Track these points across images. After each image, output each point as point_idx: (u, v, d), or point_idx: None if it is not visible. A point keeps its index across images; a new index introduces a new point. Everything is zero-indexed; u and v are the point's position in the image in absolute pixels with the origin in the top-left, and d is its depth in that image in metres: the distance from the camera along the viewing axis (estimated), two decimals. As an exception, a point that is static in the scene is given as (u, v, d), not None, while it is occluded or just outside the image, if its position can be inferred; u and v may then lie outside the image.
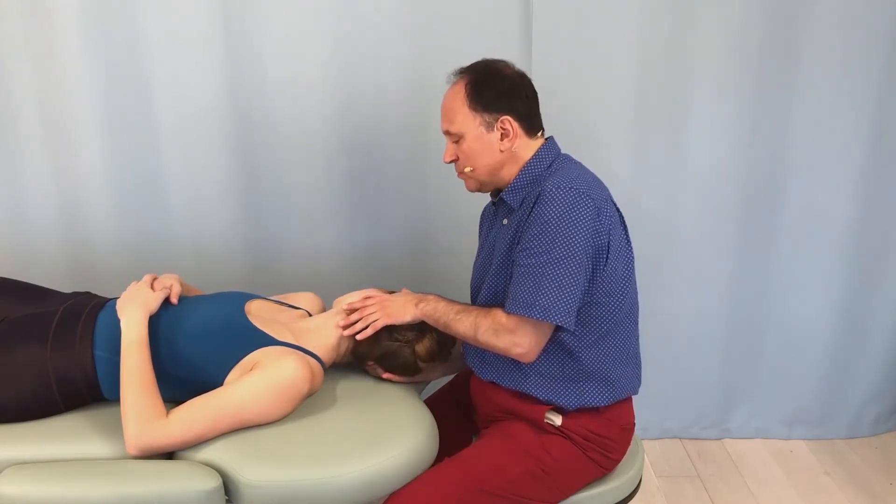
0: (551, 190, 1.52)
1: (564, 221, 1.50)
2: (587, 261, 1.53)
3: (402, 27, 2.19)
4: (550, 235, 1.50)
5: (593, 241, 1.53)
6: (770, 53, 2.27)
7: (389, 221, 2.38)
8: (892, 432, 2.76)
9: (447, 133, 1.66)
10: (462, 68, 1.66)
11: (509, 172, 1.65)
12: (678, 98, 2.31)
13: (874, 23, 2.26)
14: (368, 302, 1.75)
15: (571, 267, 1.51)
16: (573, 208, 1.51)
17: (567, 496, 1.66)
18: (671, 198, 2.41)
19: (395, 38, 2.19)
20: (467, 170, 1.66)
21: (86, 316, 1.65)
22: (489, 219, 1.80)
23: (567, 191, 1.51)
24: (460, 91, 1.62)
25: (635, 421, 1.77)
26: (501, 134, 1.61)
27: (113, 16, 2.11)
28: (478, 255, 1.80)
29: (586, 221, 1.51)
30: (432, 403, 1.83)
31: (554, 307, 1.50)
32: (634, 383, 1.73)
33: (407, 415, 1.65)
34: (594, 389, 1.64)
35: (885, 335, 2.61)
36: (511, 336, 1.54)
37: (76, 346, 1.60)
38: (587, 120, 2.28)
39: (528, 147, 1.64)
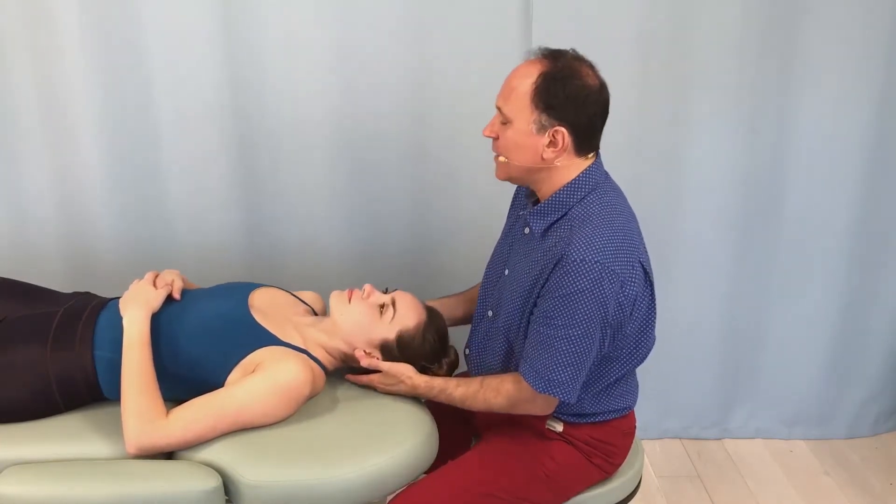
0: (576, 261, 1.44)
1: (586, 297, 1.45)
2: (602, 336, 1.50)
3: (402, 27, 2.18)
4: (570, 310, 1.46)
5: (614, 316, 1.49)
6: (770, 54, 2.27)
7: (389, 221, 2.38)
8: (892, 432, 2.76)
9: (499, 109, 1.52)
10: (546, 51, 1.51)
11: (542, 182, 1.55)
12: (678, 99, 2.30)
13: (874, 23, 2.25)
14: (363, 380, 1.71)
15: (586, 345, 1.48)
16: (596, 286, 1.44)
17: (568, 498, 1.67)
18: (671, 198, 2.40)
19: (395, 37, 2.19)
20: (501, 159, 1.55)
21: (86, 316, 1.65)
22: (518, 206, 1.74)
23: (592, 265, 1.44)
24: (531, 77, 1.47)
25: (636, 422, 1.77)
26: (550, 142, 1.49)
27: (114, 15, 2.11)
28: (500, 240, 1.76)
29: (608, 298, 1.46)
30: (432, 404, 1.83)
31: (563, 384, 1.49)
32: (634, 401, 1.73)
33: (407, 416, 1.65)
34: (596, 418, 1.66)
35: (884, 335, 2.61)
36: (527, 404, 1.56)
37: (76, 346, 1.60)
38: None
39: (571, 166, 1.52)
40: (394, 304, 1.70)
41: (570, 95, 1.47)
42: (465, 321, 1.88)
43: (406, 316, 1.69)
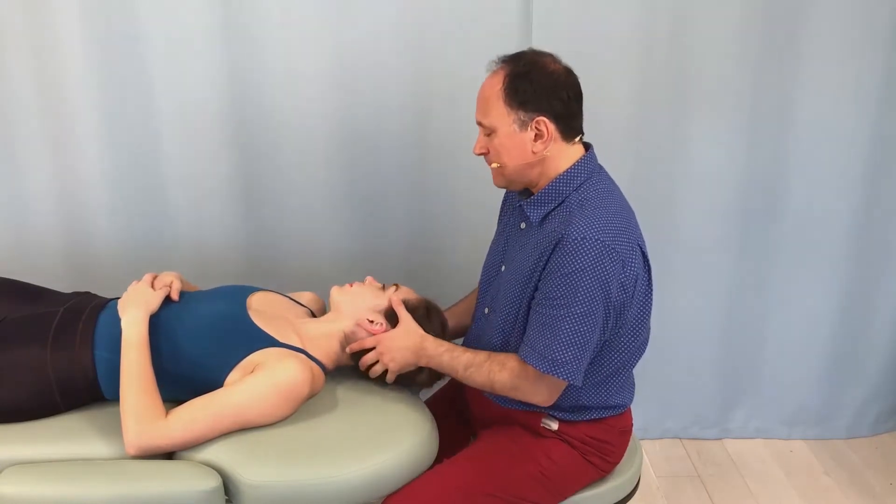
0: (576, 240, 1.46)
1: (587, 276, 1.45)
2: (605, 316, 1.50)
3: (402, 26, 2.18)
4: (571, 289, 1.46)
5: (617, 297, 1.49)
6: (770, 53, 2.27)
7: (389, 220, 2.38)
8: (892, 432, 2.76)
9: (480, 124, 1.57)
10: (505, 56, 1.56)
11: (538, 176, 1.57)
12: (678, 98, 2.30)
13: (874, 22, 2.26)
14: (367, 343, 1.70)
15: (588, 324, 1.48)
16: (597, 263, 1.45)
17: (565, 497, 1.67)
18: (671, 197, 2.41)
19: (395, 37, 2.19)
20: (494, 165, 1.58)
21: (86, 316, 1.65)
22: (510, 208, 1.75)
23: (593, 243, 1.45)
24: (498, 83, 1.52)
25: (633, 421, 1.77)
26: (535, 135, 1.52)
27: (114, 15, 2.11)
28: (493, 243, 1.77)
29: (610, 277, 1.46)
30: (432, 404, 1.83)
31: (566, 364, 1.49)
32: (630, 399, 1.73)
33: (407, 415, 1.65)
34: (592, 414, 1.65)
35: (884, 335, 2.61)
36: (531, 387, 1.55)
37: (76, 346, 1.60)
38: (586, 120, 2.27)
39: (562, 153, 1.55)
40: (395, 286, 1.78)
41: (540, 85, 1.51)
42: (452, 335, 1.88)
43: (408, 291, 1.78)
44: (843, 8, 2.23)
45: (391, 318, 1.73)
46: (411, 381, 1.74)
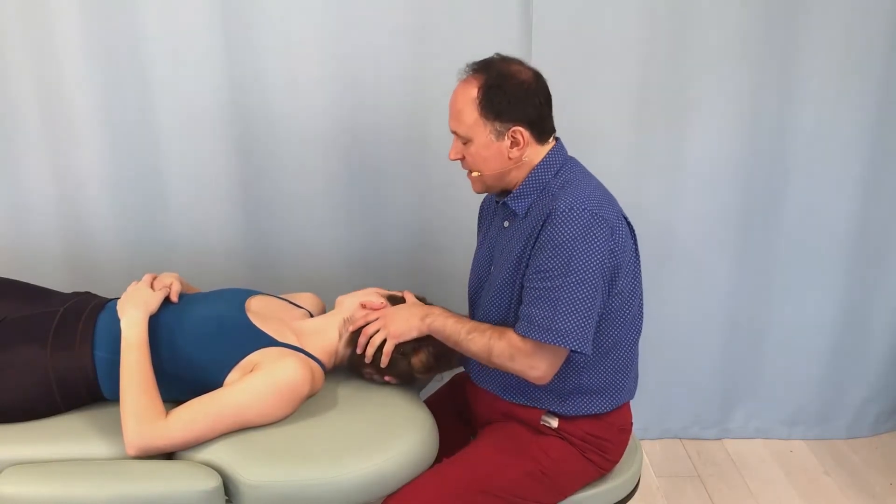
0: (564, 211, 1.49)
1: (579, 244, 1.47)
2: (602, 283, 1.51)
3: (402, 27, 2.18)
4: (565, 258, 1.47)
5: (608, 262, 1.51)
6: (770, 54, 2.27)
7: (389, 221, 2.38)
8: (892, 432, 2.76)
9: (455, 133, 1.61)
10: (476, 65, 1.59)
11: (516, 176, 1.61)
12: (678, 98, 2.30)
13: (874, 23, 2.26)
14: (371, 316, 1.72)
15: (587, 290, 1.48)
16: (588, 230, 1.48)
17: (565, 496, 1.66)
18: (671, 198, 2.41)
19: (395, 37, 2.19)
20: (474, 174, 1.63)
21: (86, 316, 1.65)
22: (489, 214, 1.78)
23: (581, 212, 1.48)
24: (472, 94, 1.56)
25: (633, 421, 1.77)
26: (511, 142, 1.57)
27: (113, 15, 2.11)
28: (477, 252, 1.79)
29: (601, 243, 1.49)
30: (432, 404, 1.83)
31: (572, 332, 1.48)
32: (633, 389, 1.73)
33: (407, 415, 1.65)
34: (594, 402, 1.65)
35: (884, 335, 2.61)
36: (528, 360, 1.52)
37: (76, 346, 1.60)
38: (587, 120, 2.28)
39: (536, 153, 1.60)
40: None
41: (513, 96, 1.54)
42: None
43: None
44: (843, 8, 2.24)
45: (394, 301, 1.76)
46: (408, 367, 1.71)
